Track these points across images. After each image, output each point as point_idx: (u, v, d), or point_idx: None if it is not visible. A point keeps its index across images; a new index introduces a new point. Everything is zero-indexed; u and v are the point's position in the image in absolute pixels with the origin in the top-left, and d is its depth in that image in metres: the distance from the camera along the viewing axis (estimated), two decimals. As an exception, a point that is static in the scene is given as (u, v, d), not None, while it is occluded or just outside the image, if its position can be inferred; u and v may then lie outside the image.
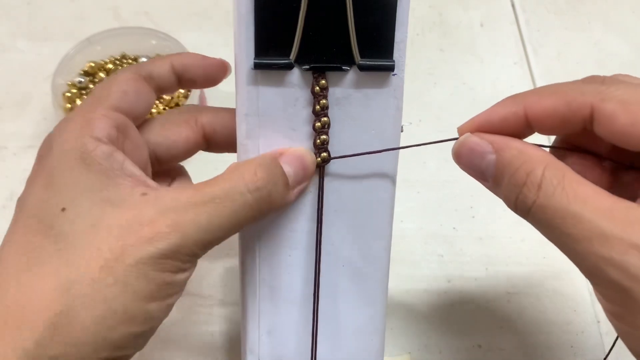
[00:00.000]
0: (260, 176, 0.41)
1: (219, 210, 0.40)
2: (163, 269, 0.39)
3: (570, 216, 0.36)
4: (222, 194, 0.40)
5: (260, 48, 0.41)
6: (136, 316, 0.38)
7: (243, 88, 0.42)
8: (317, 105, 0.42)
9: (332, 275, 0.47)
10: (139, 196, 0.40)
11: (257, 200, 0.41)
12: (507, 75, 0.85)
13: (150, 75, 0.47)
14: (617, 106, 0.38)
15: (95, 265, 0.37)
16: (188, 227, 0.39)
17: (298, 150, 0.44)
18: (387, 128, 0.44)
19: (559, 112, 0.40)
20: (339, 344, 0.49)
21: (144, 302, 0.38)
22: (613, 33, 0.90)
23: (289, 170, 0.43)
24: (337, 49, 0.41)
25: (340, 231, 0.46)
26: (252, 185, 0.41)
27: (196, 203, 0.39)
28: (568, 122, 0.40)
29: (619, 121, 0.38)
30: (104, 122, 0.42)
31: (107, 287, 0.37)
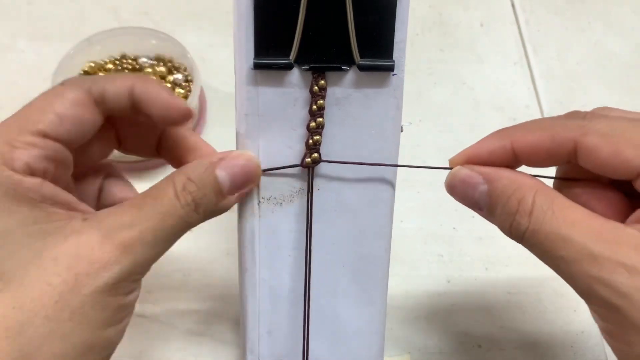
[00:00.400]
0: (189, 190, 0.41)
1: (160, 226, 0.40)
2: (117, 292, 0.38)
3: (561, 239, 0.38)
4: (161, 210, 0.40)
5: (260, 48, 0.41)
6: (95, 345, 0.38)
7: (243, 88, 0.42)
8: (314, 105, 0.42)
9: (333, 275, 0.47)
10: (81, 222, 0.39)
11: (188, 214, 0.41)
12: (507, 75, 0.85)
13: (102, 97, 0.41)
14: (598, 139, 0.39)
15: (49, 302, 0.36)
16: (136, 247, 0.39)
17: (240, 155, 0.43)
18: (387, 128, 0.44)
19: (544, 146, 0.41)
20: (339, 344, 0.49)
21: (102, 329, 0.38)
22: (613, 33, 0.90)
23: (224, 177, 0.42)
24: (336, 49, 0.41)
25: (340, 231, 0.46)
26: (182, 200, 0.41)
27: (139, 221, 0.39)
28: (553, 156, 0.41)
29: (601, 153, 0.39)
30: (26, 153, 0.38)
31: (64, 322, 0.37)
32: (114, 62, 0.76)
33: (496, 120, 0.80)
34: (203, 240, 0.68)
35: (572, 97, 0.83)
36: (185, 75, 0.76)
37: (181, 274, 0.67)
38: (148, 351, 0.62)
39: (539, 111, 0.82)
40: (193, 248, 0.68)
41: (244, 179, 0.44)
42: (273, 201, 0.45)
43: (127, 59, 0.76)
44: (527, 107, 0.82)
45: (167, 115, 0.42)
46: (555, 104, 0.82)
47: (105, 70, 0.75)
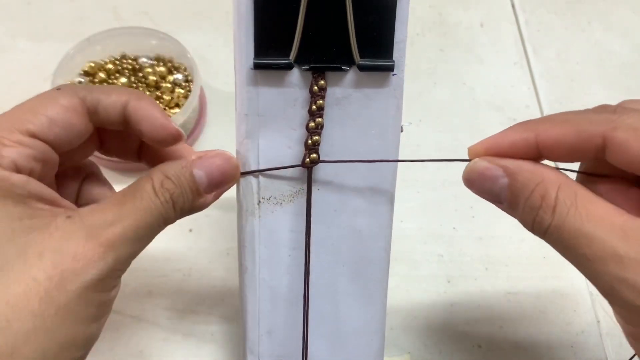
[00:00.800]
0: (166, 187, 0.41)
1: (142, 223, 0.40)
2: (101, 289, 0.39)
3: (584, 236, 0.37)
4: (142, 207, 0.40)
5: (260, 48, 0.41)
6: (78, 340, 0.38)
7: (243, 88, 0.42)
8: (314, 105, 0.42)
9: (333, 275, 0.47)
10: (64, 219, 0.39)
11: (167, 211, 0.41)
12: (507, 75, 0.85)
13: (95, 108, 0.43)
14: (629, 134, 0.38)
15: (35, 298, 0.37)
16: (119, 244, 0.39)
17: (217, 155, 0.44)
18: (387, 128, 0.44)
19: (569, 141, 0.40)
20: (339, 344, 0.49)
21: (86, 325, 0.38)
22: (613, 33, 0.90)
23: (201, 176, 0.43)
24: (336, 49, 0.41)
25: (340, 231, 0.46)
26: (161, 197, 0.41)
27: (121, 218, 0.40)
28: (579, 151, 0.40)
29: (631, 148, 0.37)
30: (15, 152, 0.39)
31: (49, 317, 0.37)
32: (114, 62, 0.76)
33: (496, 120, 0.80)
34: (203, 240, 0.69)
35: (572, 97, 0.83)
36: (185, 75, 0.76)
37: (181, 273, 0.67)
38: (148, 351, 0.62)
39: (539, 111, 0.82)
40: (193, 248, 0.68)
41: (220, 179, 0.44)
42: (273, 201, 0.45)
43: (127, 59, 0.76)
44: (527, 107, 0.82)
45: (158, 137, 0.43)
46: (555, 104, 0.82)
47: (105, 70, 0.75)
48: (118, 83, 0.74)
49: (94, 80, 0.74)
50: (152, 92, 0.74)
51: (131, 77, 0.75)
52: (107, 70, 0.75)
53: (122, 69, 0.75)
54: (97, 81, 0.74)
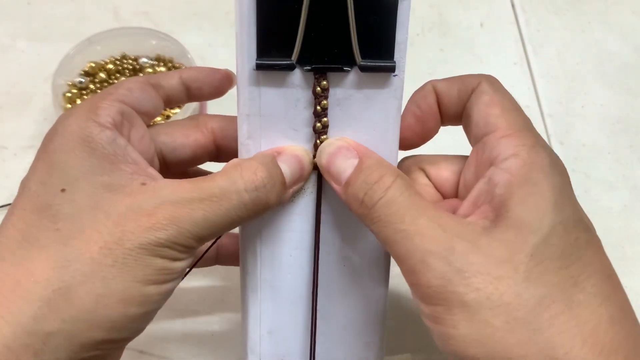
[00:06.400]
0: (260, 176, 0.41)
1: (215, 209, 0.40)
2: (160, 255, 0.39)
3: (410, 214, 0.40)
4: (219, 192, 0.41)
5: (262, 49, 0.41)
6: (134, 297, 0.39)
7: (245, 88, 0.42)
8: (318, 106, 0.42)
9: (334, 275, 0.47)
10: (138, 185, 0.41)
11: (253, 200, 0.41)
12: (507, 75, 0.85)
13: (158, 84, 0.48)
14: (490, 88, 0.46)
15: (95, 246, 0.38)
16: (184, 222, 0.40)
17: (296, 149, 0.45)
18: (388, 129, 0.44)
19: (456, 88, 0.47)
20: (339, 344, 0.49)
21: (141, 284, 0.39)
22: (613, 33, 0.90)
23: (286, 169, 0.43)
24: (338, 49, 0.41)
25: (341, 231, 0.46)
26: (251, 185, 0.41)
27: (193, 199, 0.40)
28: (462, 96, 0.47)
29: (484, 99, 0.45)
30: (109, 109, 0.43)
31: (106, 267, 0.38)
32: (114, 62, 0.76)
33: (496, 120, 0.80)
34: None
35: (572, 97, 0.83)
36: (185, 75, 0.76)
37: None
38: (148, 351, 0.62)
39: (539, 111, 0.82)
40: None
41: (300, 174, 0.45)
42: (275, 201, 0.46)
43: (127, 59, 0.76)
44: (527, 107, 0.82)
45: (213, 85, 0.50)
46: (555, 104, 0.82)
47: (105, 70, 0.75)
48: (118, 83, 0.74)
49: (94, 80, 0.74)
50: (152, 92, 0.74)
51: (131, 77, 0.75)
52: (108, 71, 0.75)
53: (122, 69, 0.75)
54: (97, 81, 0.74)
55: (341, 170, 0.43)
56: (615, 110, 0.82)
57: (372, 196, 0.41)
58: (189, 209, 0.40)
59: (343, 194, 0.43)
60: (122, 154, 0.42)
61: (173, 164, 0.49)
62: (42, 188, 0.40)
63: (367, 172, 0.42)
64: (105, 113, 0.43)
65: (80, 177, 0.40)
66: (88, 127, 0.42)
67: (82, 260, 0.38)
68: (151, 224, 0.39)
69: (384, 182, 0.41)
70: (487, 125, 0.44)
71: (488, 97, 0.45)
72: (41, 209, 0.40)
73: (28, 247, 0.39)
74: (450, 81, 0.48)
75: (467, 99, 0.46)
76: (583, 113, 0.82)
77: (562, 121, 0.81)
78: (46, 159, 0.42)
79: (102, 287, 0.38)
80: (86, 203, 0.40)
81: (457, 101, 0.47)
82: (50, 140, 0.42)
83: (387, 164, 0.43)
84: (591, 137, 0.80)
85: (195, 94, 0.50)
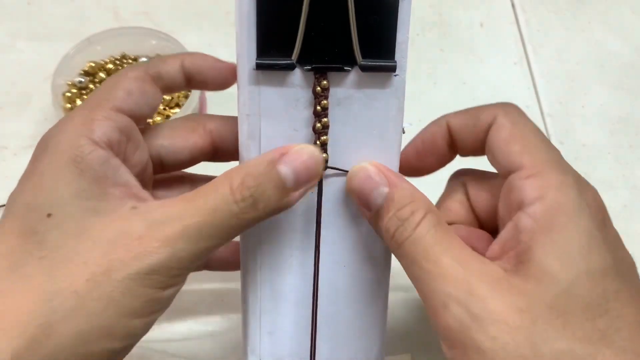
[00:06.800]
0: (247, 185, 0.40)
1: (208, 222, 0.39)
2: (150, 284, 0.38)
3: (434, 254, 0.40)
4: (211, 206, 0.40)
5: (262, 48, 0.41)
6: (118, 332, 0.38)
7: (245, 88, 0.42)
8: (318, 106, 0.42)
9: (333, 275, 0.47)
10: (129, 209, 0.40)
11: (243, 210, 0.40)
12: (507, 75, 0.85)
13: (159, 75, 0.46)
14: (507, 122, 0.44)
15: (81, 278, 0.37)
16: (177, 241, 0.39)
17: (302, 149, 0.42)
18: (389, 129, 0.44)
19: (472, 123, 0.46)
20: (340, 345, 0.49)
21: (127, 318, 0.38)
22: (613, 33, 0.90)
23: (287, 172, 0.41)
24: (339, 49, 0.41)
25: (341, 232, 0.46)
26: (238, 196, 0.40)
27: (185, 216, 0.39)
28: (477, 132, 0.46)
29: (502, 135, 0.44)
30: (105, 124, 0.41)
31: (92, 301, 0.37)
32: (114, 62, 0.76)
33: (496, 120, 0.80)
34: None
35: (572, 97, 0.83)
36: (185, 75, 0.76)
37: (181, 274, 0.67)
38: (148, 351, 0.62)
39: (539, 111, 0.82)
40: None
41: (307, 175, 0.43)
42: (275, 202, 0.45)
43: (127, 59, 0.77)
44: (527, 107, 0.82)
45: (219, 76, 0.48)
46: (556, 104, 0.83)
47: (105, 70, 0.75)
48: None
49: (94, 80, 0.74)
50: (152, 92, 0.74)
51: (131, 77, 0.75)
52: (108, 70, 0.75)
53: (122, 69, 0.75)
54: (97, 81, 0.74)
55: (371, 198, 0.43)
56: (615, 110, 0.82)
57: (402, 233, 0.41)
58: (181, 226, 0.39)
59: (372, 222, 0.44)
60: (113, 176, 0.41)
61: (169, 166, 0.49)
62: (28, 211, 0.39)
63: (398, 206, 0.42)
64: (101, 130, 0.41)
65: (67, 201, 0.39)
66: (80, 147, 0.40)
67: (66, 294, 0.37)
68: (142, 249, 0.38)
69: (414, 219, 0.41)
70: (510, 164, 0.43)
71: (506, 132, 0.44)
72: (26, 234, 0.39)
73: (12, 276, 0.38)
74: (465, 115, 0.47)
75: (484, 135, 0.45)
76: (583, 113, 0.82)
77: (562, 121, 0.81)
78: (33, 179, 0.40)
79: (85, 324, 0.37)
80: (73, 229, 0.38)
81: (473, 137, 0.46)
82: (40, 156, 0.41)
83: (418, 195, 0.43)
84: (591, 137, 0.80)
85: (197, 84, 0.49)
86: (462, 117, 0.47)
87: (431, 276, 0.39)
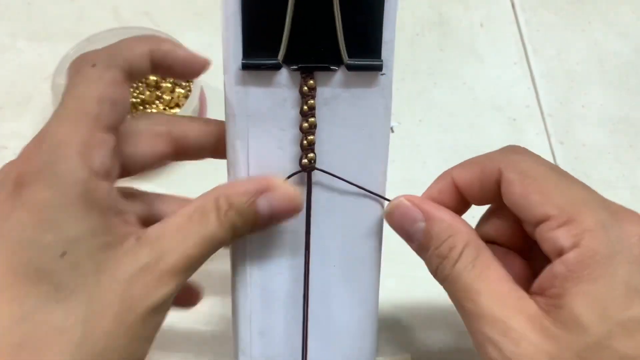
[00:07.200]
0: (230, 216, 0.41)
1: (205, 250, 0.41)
2: (162, 312, 0.40)
3: (472, 293, 0.40)
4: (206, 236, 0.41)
5: (248, 49, 0.41)
6: (137, 357, 0.40)
7: (232, 88, 0.42)
8: (305, 106, 0.42)
9: (323, 275, 0.47)
10: (134, 241, 0.39)
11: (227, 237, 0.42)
12: (507, 75, 0.85)
13: (129, 69, 0.42)
14: (515, 176, 0.42)
15: (108, 319, 0.37)
16: (184, 272, 0.40)
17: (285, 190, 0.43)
18: (377, 128, 0.44)
19: (477, 178, 0.44)
20: (331, 345, 0.49)
21: (145, 345, 0.40)
22: (613, 33, 0.90)
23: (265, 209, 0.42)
24: (325, 48, 0.41)
25: (330, 231, 0.46)
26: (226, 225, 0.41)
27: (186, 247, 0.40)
28: (485, 187, 0.44)
29: (515, 191, 0.42)
30: (102, 152, 0.39)
31: (120, 338, 0.38)
32: (114, 62, 0.76)
33: (496, 120, 0.80)
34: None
35: (572, 97, 0.83)
36: (184, 75, 0.76)
37: (179, 273, 0.67)
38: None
39: (539, 111, 0.82)
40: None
41: (283, 215, 0.44)
42: (263, 201, 0.45)
43: (127, 59, 0.77)
44: (527, 107, 0.82)
45: (188, 70, 0.45)
46: (555, 104, 0.82)
47: (104, 70, 0.75)
48: (118, 83, 0.74)
49: (93, 80, 0.74)
50: (152, 92, 0.74)
51: (131, 77, 0.75)
52: (107, 70, 0.75)
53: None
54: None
55: (411, 234, 0.44)
56: (615, 110, 0.82)
57: (442, 271, 0.42)
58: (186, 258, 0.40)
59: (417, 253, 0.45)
60: (115, 206, 0.40)
61: (131, 172, 0.46)
62: (36, 250, 0.36)
63: (436, 243, 0.43)
64: (100, 160, 0.38)
65: (81, 239, 0.37)
66: (86, 182, 0.37)
67: (98, 336, 0.37)
68: (156, 282, 0.39)
69: (452, 256, 0.42)
70: (534, 217, 0.41)
71: (518, 187, 0.42)
72: (39, 276, 0.36)
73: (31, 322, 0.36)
74: (468, 170, 0.45)
75: (495, 188, 0.43)
76: (583, 113, 0.82)
77: (562, 121, 0.81)
78: (32, 211, 0.37)
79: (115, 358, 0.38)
80: (90, 268, 0.37)
81: (483, 193, 0.45)
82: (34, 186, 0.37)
83: (456, 227, 0.43)
84: (591, 137, 0.80)
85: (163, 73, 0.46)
86: (466, 173, 0.45)
87: (471, 316, 0.40)
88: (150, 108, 0.73)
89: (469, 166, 0.45)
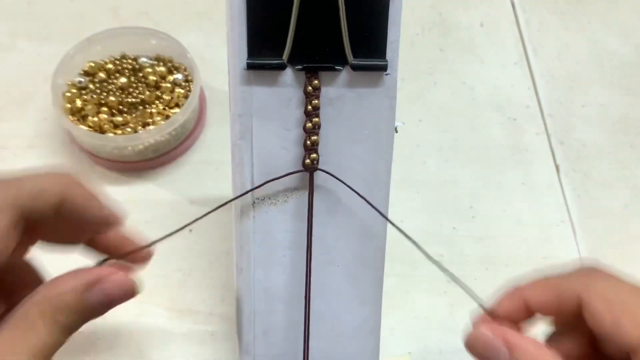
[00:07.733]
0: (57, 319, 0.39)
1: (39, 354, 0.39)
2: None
3: None
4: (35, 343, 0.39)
5: (253, 48, 0.41)
6: None
7: (236, 88, 0.42)
8: (309, 106, 0.42)
9: (327, 275, 0.47)
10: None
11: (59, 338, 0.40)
12: (507, 75, 0.85)
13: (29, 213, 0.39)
14: (602, 306, 0.40)
15: None
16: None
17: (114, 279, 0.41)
18: (381, 128, 0.44)
19: (553, 304, 0.43)
20: (334, 344, 0.49)
21: None
22: (613, 33, 0.90)
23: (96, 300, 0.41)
24: (329, 48, 0.41)
25: (334, 231, 0.46)
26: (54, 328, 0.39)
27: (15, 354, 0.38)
28: (563, 312, 0.42)
29: (605, 321, 0.40)
30: None
31: None
32: (114, 62, 0.76)
33: (496, 120, 0.80)
34: (203, 240, 0.69)
35: (572, 97, 0.83)
36: (185, 75, 0.76)
37: (181, 273, 0.67)
38: (148, 351, 0.62)
39: (539, 111, 0.82)
40: (193, 248, 0.68)
41: (116, 301, 0.42)
42: (267, 202, 0.46)
43: (127, 59, 0.77)
44: (527, 107, 0.82)
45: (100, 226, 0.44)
46: (555, 104, 0.82)
47: (104, 70, 0.75)
48: (118, 83, 0.74)
49: (94, 80, 0.74)
50: (152, 92, 0.74)
51: (131, 77, 0.75)
52: (107, 70, 0.75)
53: (122, 68, 0.75)
54: (97, 81, 0.74)
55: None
56: (615, 110, 0.82)
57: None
58: None
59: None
60: None
61: None
62: None
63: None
64: None
65: None
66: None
67: None
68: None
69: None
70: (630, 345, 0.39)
71: (607, 317, 0.40)
72: None
73: None
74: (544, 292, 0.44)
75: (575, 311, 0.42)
76: (583, 113, 0.82)
77: (562, 121, 0.81)
78: None
79: None
80: None
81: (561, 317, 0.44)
82: None
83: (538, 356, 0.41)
84: (591, 137, 0.80)
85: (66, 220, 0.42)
86: (540, 295, 0.44)
87: None
88: (150, 108, 0.73)
89: (543, 289, 0.44)
